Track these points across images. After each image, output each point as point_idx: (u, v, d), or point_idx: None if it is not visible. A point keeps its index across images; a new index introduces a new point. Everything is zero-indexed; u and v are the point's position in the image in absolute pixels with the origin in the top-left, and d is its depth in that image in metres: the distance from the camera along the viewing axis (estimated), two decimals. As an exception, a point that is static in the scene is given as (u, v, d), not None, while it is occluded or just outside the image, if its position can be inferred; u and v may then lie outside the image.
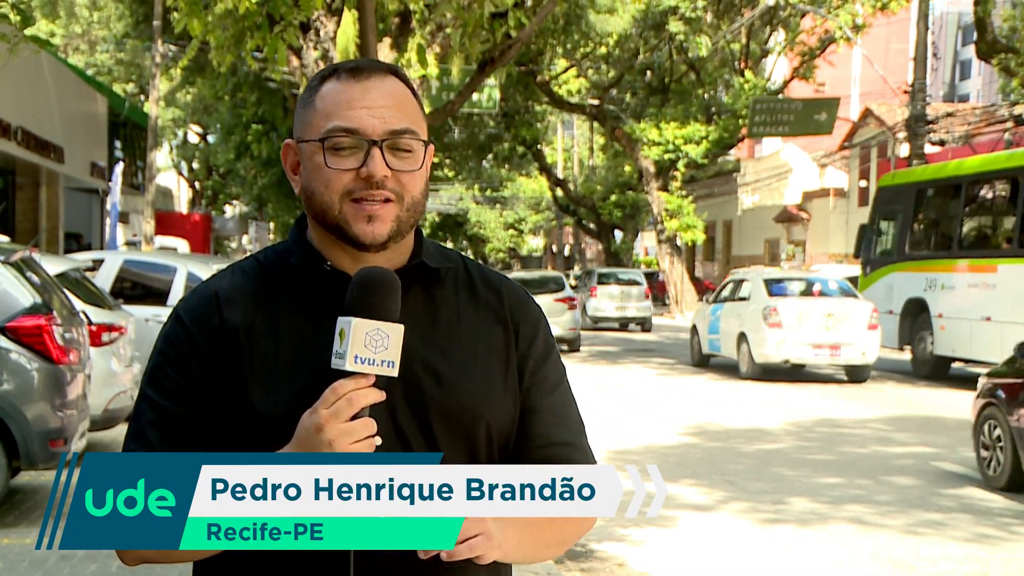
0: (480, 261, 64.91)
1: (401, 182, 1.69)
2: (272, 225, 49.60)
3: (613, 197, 43.79)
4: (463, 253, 1.91)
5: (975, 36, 21.37)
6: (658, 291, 43.68)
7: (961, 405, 14.34)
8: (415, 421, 1.67)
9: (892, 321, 16.36)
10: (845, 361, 15.54)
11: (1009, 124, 27.03)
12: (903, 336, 16.26)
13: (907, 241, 16.52)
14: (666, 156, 36.90)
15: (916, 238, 16.46)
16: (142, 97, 43.89)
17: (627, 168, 44.17)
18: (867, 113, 40.45)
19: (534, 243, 63.02)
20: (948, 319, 15.11)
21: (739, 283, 17.18)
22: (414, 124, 1.71)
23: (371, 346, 1.55)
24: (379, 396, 1.57)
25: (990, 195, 14.87)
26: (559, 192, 48.61)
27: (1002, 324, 13.70)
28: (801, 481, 8.96)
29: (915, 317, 15.93)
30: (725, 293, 17.55)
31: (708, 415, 12.88)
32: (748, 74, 35.73)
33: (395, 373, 1.57)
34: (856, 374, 15.82)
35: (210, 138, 51.41)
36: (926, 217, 16.41)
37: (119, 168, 22.18)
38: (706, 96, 39.11)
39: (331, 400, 1.55)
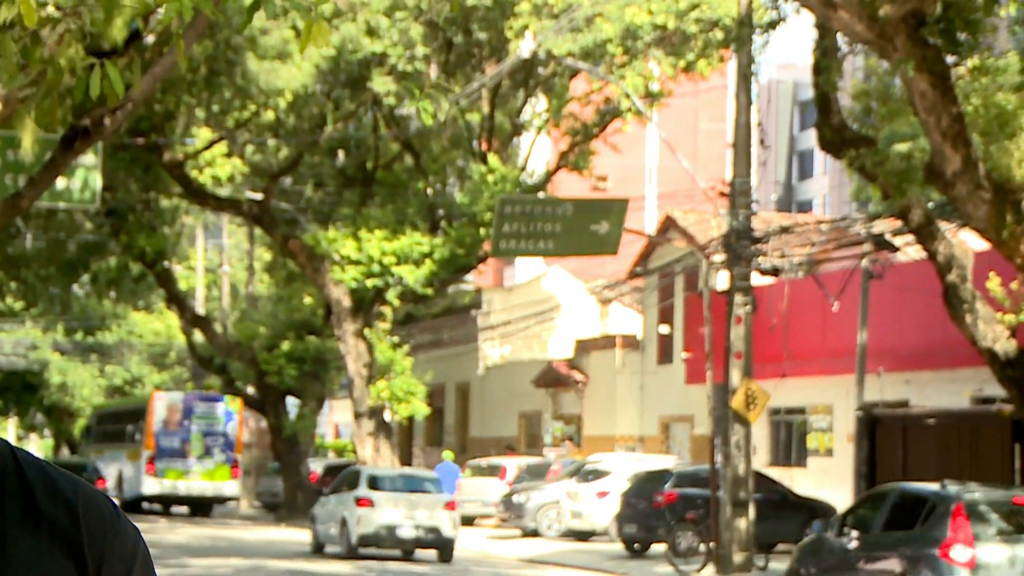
0: (64, 448, 63.27)
1: None
2: None
3: (285, 345, 43.78)
4: (32, 438, 1.88)
5: (817, 118, 23.13)
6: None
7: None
8: None
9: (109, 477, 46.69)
10: None
11: (867, 246, 29.17)
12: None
13: (147, 442, 45.75)
14: (370, 282, 37.45)
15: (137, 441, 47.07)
16: None
17: (308, 300, 44.34)
18: (668, 224, 42.58)
19: (157, 418, 61.99)
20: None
21: None
22: None
23: None
24: None
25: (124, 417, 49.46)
26: (198, 336, 48.03)
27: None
28: None
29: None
30: None
31: None
32: (492, 159, 37.07)
33: None
34: None
35: None
36: (115, 426, 49.88)
37: None
38: (430, 191, 40.18)
39: None
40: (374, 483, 30.62)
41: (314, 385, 45.56)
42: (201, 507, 46.35)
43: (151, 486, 44.59)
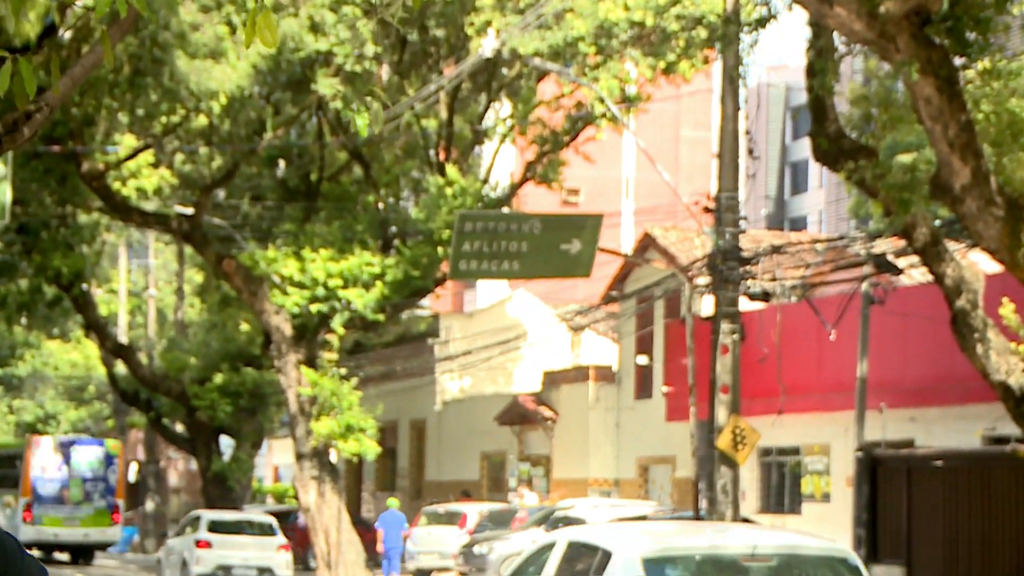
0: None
1: None
2: None
3: (219, 378, 43.65)
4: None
5: (811, 126, 23.18)
6: (298, 543, 43.44)
7: None
8: None
9: None
10: None
11: (867, 268, 29.25)
12: None
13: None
14: (314, 307, 37.34)
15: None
16: None
17: (244, 327, 44.22)
18: (647, 243, 42.65)
19: (74, 459, 61.96)
20: None
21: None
22: None
23: None
24: None
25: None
26: (120, 368, 47.80)
27: None
28: None
29: None
30: None
31: None
32: (451, 171, 37.06)
33: None
34: None
35: None
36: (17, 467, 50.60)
37: None
38: (381, 206, 40.13)
39: None
40: (213, 526, 37.41)
41: (251, 423, 45.41)
42: (82, 554, 49.35)
43: (29, 533, 46.86)
